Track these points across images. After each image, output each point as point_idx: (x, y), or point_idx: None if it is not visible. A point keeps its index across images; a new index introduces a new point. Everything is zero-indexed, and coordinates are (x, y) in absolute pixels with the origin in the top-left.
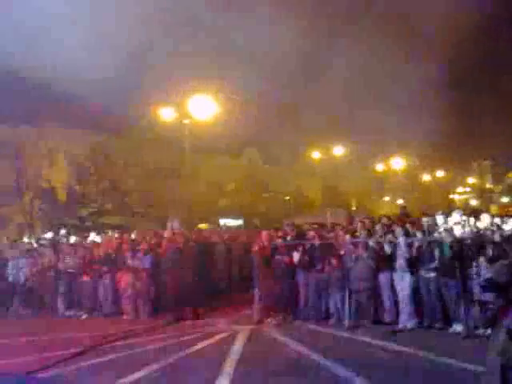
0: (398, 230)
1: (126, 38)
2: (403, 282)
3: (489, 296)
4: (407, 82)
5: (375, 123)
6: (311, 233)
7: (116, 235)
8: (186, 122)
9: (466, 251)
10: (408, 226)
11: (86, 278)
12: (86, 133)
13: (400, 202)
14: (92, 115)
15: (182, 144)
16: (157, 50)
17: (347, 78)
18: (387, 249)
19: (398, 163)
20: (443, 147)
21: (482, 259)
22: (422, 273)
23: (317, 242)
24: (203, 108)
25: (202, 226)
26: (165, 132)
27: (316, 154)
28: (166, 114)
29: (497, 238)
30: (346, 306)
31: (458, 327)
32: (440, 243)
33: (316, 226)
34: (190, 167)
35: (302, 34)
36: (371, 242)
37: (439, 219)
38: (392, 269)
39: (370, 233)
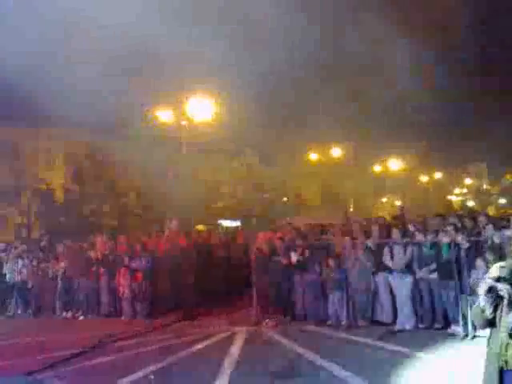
0: (396, 232)
1: (124, 39)
2: (401, 283)
3: (486, 297)
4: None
5: (373, 124)
6: (310, 234)
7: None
8: (184, 123)
9: (464, 252)
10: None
11: (83, 279)
12: (84, 133)
13: (398, 203)
14: (91, 116)
15: (179, 145)
16: (156, 51)
17: (348, 78)
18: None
19: (395, 164)
20: (441, 149)
21: (480, 260)
22: (422, 274)
23: (315, 242)
24: (201, 109)
25: (200, 227)
26: (163, 133)
27: (314, 156)
28: (165, 115)
29: (495, 239)
30: (344, 306)
31: (456, 328)
32: (438, 244)
33: (314, 226)
34: (187, 168)
35: (301, 35)
36: (369, 243)
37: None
38: (390, 270)
39: (368, 234)
